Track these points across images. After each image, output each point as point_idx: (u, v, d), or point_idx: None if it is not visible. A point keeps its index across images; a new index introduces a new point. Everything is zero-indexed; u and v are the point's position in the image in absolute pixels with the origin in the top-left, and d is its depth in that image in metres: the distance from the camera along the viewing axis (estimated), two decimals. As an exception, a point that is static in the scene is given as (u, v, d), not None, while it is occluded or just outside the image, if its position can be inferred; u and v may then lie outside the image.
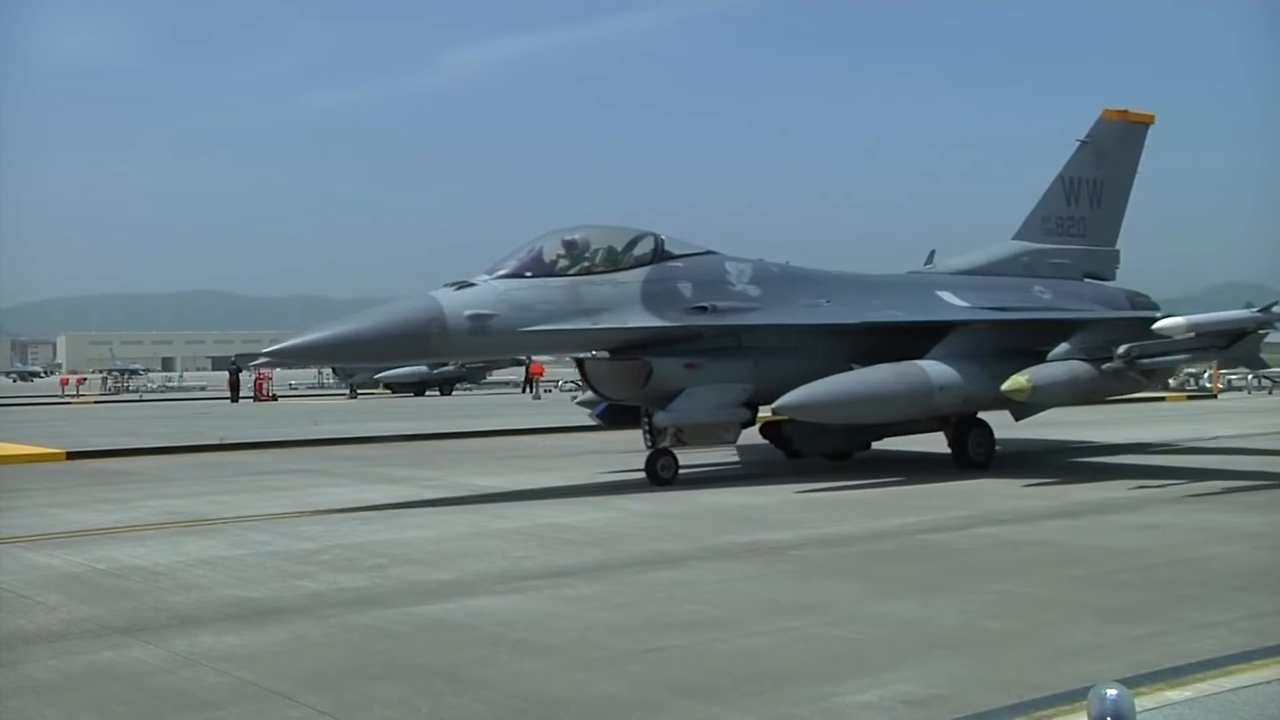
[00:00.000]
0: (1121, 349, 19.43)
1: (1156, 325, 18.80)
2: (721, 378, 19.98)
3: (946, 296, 23.50)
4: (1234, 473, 20.03)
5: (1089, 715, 5.44)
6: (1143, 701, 6.76)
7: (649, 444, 20.25)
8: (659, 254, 20.35)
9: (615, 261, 20.07)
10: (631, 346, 20.10)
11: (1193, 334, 19.17)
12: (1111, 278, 27.44)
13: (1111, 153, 27.41)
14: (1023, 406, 20.85)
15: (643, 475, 19.75)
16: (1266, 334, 20.84)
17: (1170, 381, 54.07)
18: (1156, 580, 11.37)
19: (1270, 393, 54.17)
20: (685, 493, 18.86)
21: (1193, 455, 23.90)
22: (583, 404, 23.45)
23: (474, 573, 12.39)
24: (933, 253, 27.00)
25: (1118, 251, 27.73)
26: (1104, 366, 19.50)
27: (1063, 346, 19.93)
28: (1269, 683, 7.75)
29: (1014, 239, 26.52)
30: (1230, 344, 19.97)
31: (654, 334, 19.88)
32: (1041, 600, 10.58)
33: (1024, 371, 19.35)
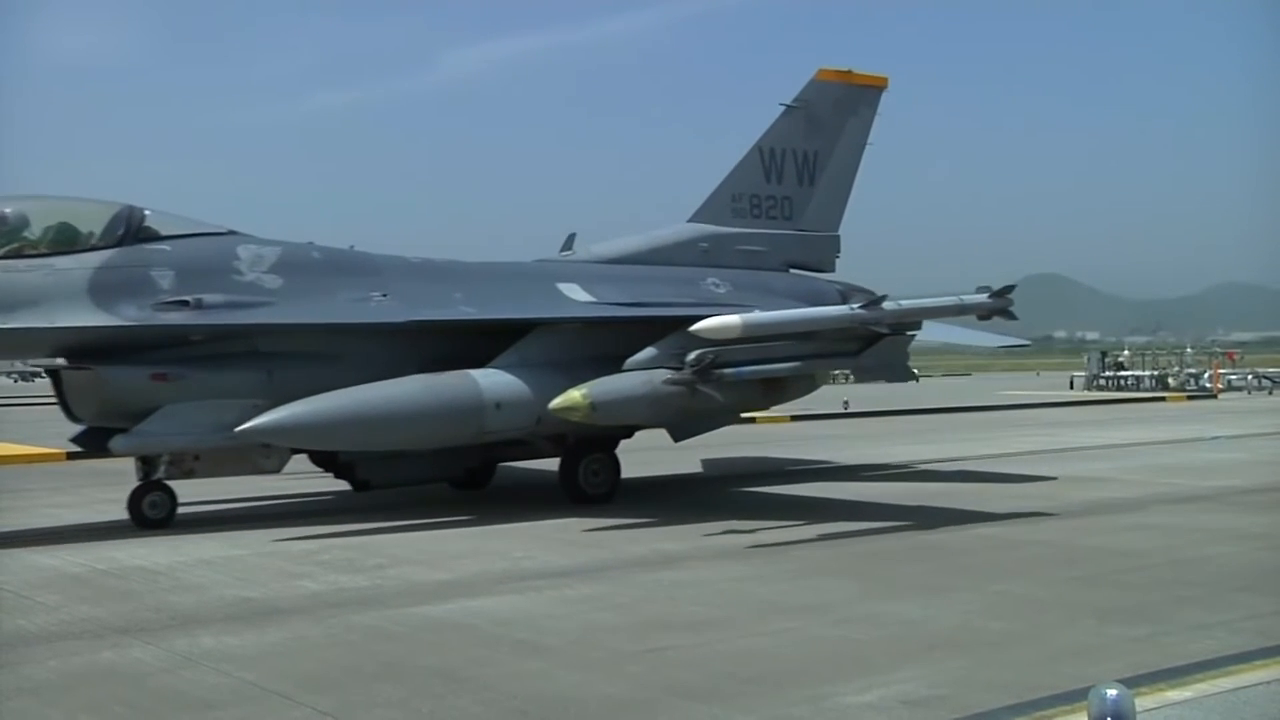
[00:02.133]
0: (692, 355, 15.82)
1: (696, 326, 15.47)
2: (217, 392, 15.78)
3: (569, 290, 19.06)
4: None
5: (1089, 715, 5.46)
6: (1143, 702, 6.77)
7: (140, 474, 16.08)
8: (135, 233, 15.92)
9: (69, 242, 15.60)
10: (78, 353, 15.74)
11: (795, 335, 16.35)
12: (829, 268, 23.08)
13: (828, 121, 22.80)
14: (672, 427, 17.78)
15: (644, 473, 19.56)
16: (912, 338, 17.76)
17: (1170, 381, 54.45)
18: (1156, 581, 11.38)
19: (1270, 393, 54.25)
20: (684, 494, 18.86)
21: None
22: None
23: (474, 573, 12.40)
24: (572, 236, 21.88)
25: (838, 238, 23.20)
26: (665, 379, 15.92)
27: (647, 352, 16.24)
28: (1269, 683, 7.77)
29: (691, 220, 22.04)
30: (862, 349, 17.00)
31: (101, 336, 15.43)
32: (1041, 601, 10.59)
33: (583, 385, 15.71)
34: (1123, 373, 58.34)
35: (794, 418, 38.35)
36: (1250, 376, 58.14)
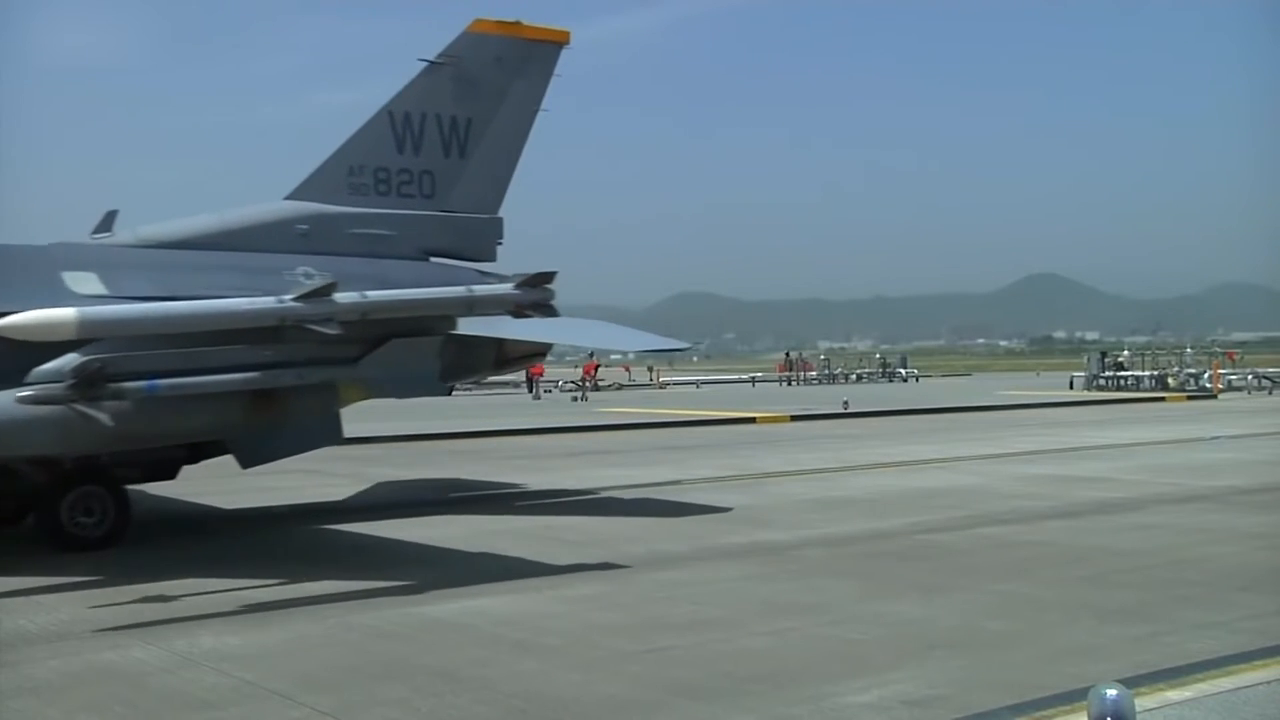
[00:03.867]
0: (73, 363, 12.18)
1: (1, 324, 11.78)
2: None
3: (78, 281, 15.13)
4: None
5: (1089, 715, 5.45)
6: (1143, 701, 6.77)
7: None
8: None
9: None
10: None
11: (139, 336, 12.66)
12: (486, 257, 18.98)
13: (487, 81, 18.92)
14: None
15: (641, 474, 19.46)
16: (441, 341, 14.55)
17: (1170, 381, 54.48)
18: (1156, 580, 11.38)
19: (1270, 393, 54.28)
20: (684, 493, 18.86)
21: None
22: None
23: (473, 572, 12.39)
24: (111, 215, 17.42)
25: (499, 220, 19.31)
26: (20, 395, 12.18)
27: (67, 359, 12.32)
28: (1269, 683, 7.76)
29: (289, 197, 17.90)
30: (365, 353, 13.89)
31: None
32: (1041, 600, 10.58)
33: None
34: (1123, 373, 58.38)
35: (794, 418, 38.48)
36: (1250, 376, 58.19)
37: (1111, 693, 5.40)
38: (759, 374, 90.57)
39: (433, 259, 18.53)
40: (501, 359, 17.84)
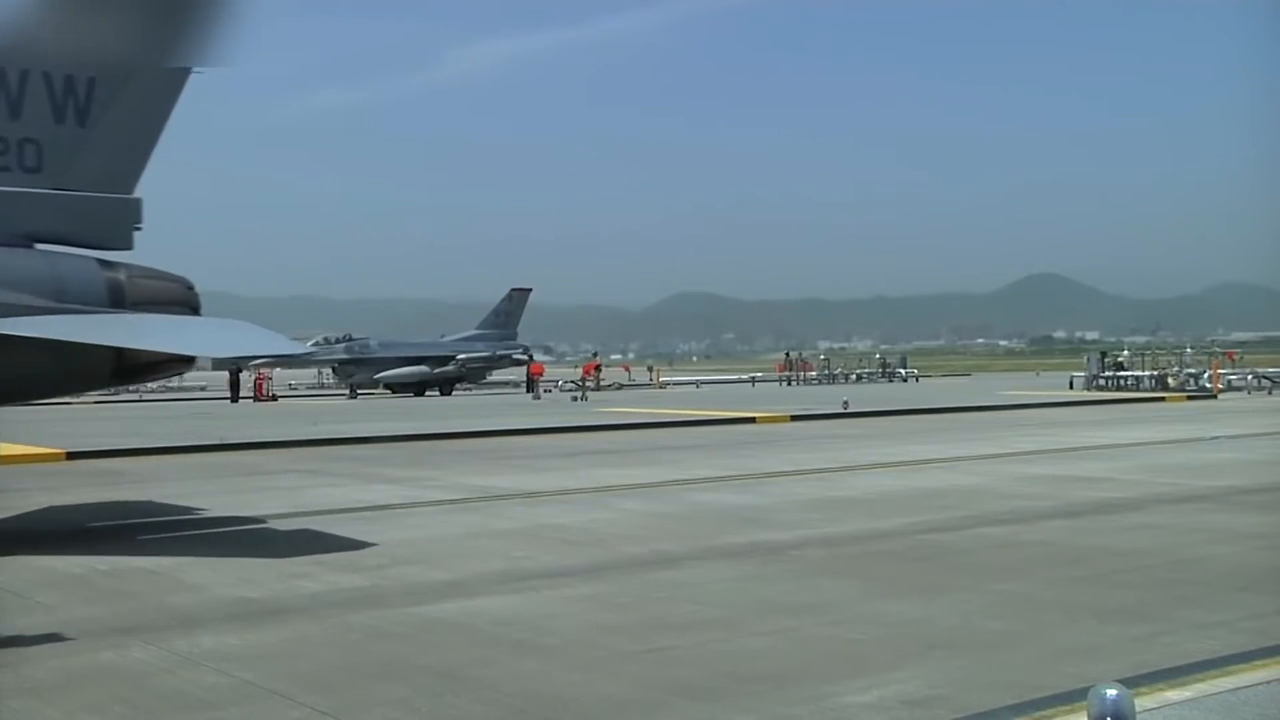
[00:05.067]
0: None
1: None
2: None
3: None
4: None
5: (1089, 715, 5.46)
6: (1143, 702, 6.76)
7: None
8: None
9: None
10: None
11: None
12: (118, 244, 15.84)
13: (121, 33, 15.34)
14: None
15: (642, 475, 19.47)
16: None
17: (1170, 381, 54.51)
18: (1156, 580, 11.38)
19: (1270, 393, 54.32)
20: (684, 492, 18.85)
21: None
22: None
23: (473, 573, 12.39)
24: None
25: (136, 202, 15.95)
26: None
27: None
28: (1269, 683, 7.76)
29: None
30: None
31: None
32: (1042, 600, 10.58)
33: None
34: (1122, 373, 58.41)
35: (794, 418, 38.51)
36: (1250, 376, 58.23)
37: (1111, 693, 5.41)
38: (759, 374, 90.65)
39: (39, 245, 15.23)
40: (124, 369, 15.50)
